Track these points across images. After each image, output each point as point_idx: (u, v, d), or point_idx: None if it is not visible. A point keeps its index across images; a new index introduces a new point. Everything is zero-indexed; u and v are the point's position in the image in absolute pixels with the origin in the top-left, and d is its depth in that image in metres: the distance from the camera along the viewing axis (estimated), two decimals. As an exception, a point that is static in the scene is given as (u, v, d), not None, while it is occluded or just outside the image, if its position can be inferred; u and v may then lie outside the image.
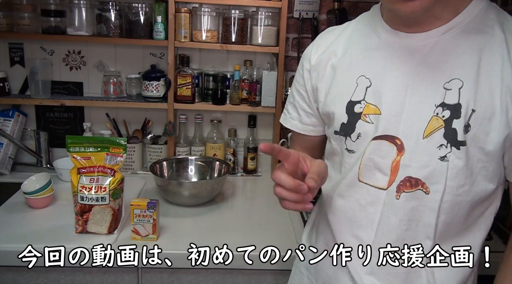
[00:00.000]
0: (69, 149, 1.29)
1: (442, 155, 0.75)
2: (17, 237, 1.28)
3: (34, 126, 1.88)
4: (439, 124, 0.75)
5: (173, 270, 1.29)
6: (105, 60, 1.85)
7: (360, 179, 0.83)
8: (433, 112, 0.75)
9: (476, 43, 0.74)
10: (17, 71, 1.82)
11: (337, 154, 0.89)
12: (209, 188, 1.58)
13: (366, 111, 0.81)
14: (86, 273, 1.27)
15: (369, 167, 0.81)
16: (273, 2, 1.71)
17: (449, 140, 0.74)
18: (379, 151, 0.80)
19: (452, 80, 0.74)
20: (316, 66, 0.90)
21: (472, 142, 0.74)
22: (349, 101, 0.84)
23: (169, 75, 1.76)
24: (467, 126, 0.73)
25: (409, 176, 0.78)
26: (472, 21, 0.75)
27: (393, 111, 0.78)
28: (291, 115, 1.00)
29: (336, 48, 0.89)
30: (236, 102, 1.81)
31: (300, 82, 0.95)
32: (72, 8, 1.68)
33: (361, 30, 0.88)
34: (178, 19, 1.69)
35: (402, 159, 0.78)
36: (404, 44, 0.79)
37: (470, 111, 0.73)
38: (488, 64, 0.73)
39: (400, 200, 0.79)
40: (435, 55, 0.76)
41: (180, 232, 1.36)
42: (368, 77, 0.82)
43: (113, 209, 1.30)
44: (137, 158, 1.85)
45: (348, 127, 0.84)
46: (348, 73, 0.85)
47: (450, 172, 0.75)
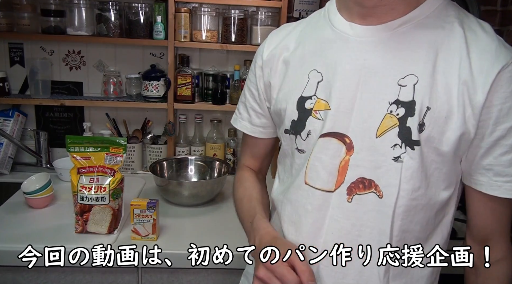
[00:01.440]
0: (69, 149, 1.29)
1: (396, 155, 0.70)
2: (17, 237, 1.28)
3: (34, 126, 1.88)
4: (393, 123, 0.70)
5: (173, 270, 1.29)
6: (105, 60, 1.85)
7: (306, 181, 0.77)
8: (386, 110, 0.70)
9: (433, 38, 0.70)
10: (17, 71, 1.82)
11: (288, 155, 0.84)
12: (209, 188, 1.58)
13: (317, 107, 0.76)
14: (86, 273, 1.27)
15: (316, 168, 0.76)
16: (273, 2, 1.71)
17: (403, 139, 0.70)
18: (327, 149, 0.75)
19: (407, 76, 0.70)
20: (268, 61, 0.86)
21: (427, 142, 0.69)
22: (300, 97, 0.79)
23: (169, 75, 1.76)
24: (422, 125, 0.69)
25: (362, 177, 0.72)
26: (431, 16, 0.71)
27: (342, 107, 0.73)
28: (241, 116, 0.96)
29: (288, 42, 0.84)
30: (236, 102, 1.80)
31: (252, 80, 0.90)
32: (72, 8, 1.68)
33: (315, 23, 0.83)
34: (178, 19, 1.69)
35: (351, 158, 0.73)
36: (358, 36, 0.74)
37: (425, 109, 0.68)
38: (445, 61, 0.69)
39: (352, 203, 0.73)
40: (390, 49, 0.71)
41: (180, 232, 1.37)
42: (320, 71, 0.77)
43: (113, 209, 1.30)
44: (137, 158, 1.85)
45: (299, 124, 0.79)
46: (300, 67, 0.80)
47: (404, 173, 0.70)
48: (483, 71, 0.67)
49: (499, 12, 1.85)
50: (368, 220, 0.74)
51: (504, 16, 1.83)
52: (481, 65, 0.68)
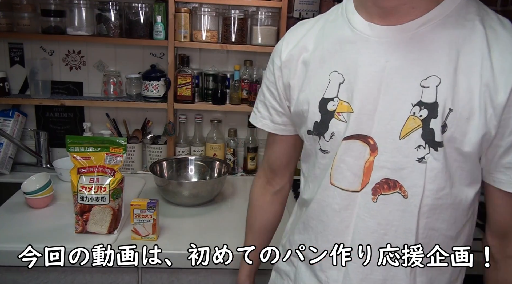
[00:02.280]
0: (69, 149, 1.29)
1: (420, 156, 0.71)
2: (17, 237, 1.28)
3: (34, 126, 1.88)
4: (417, 124, 0.71)
5: (173, 270, 1.29)
6: (105, 60, 1.85)
7: (332, 182, 0.79)
8: (409, 112, 0.71)
9: (455, 38, 0.69)
10: (17, 71, 1.82)
11: (312, 154, 0.85)
12: (209, 188, 1.58)
13: (340, 109, 0.77)
14: (86, 273, 1.27)
15: (341, 169, 0.77)
16: (273, 2, 1.71)
17: (427, 141, 0.70)
18: (351, 151, 0.76)
19: (429, 77, 0.70)
20: (287, 62, 0.85)
21: (449, 143, 0.70)
22: (322, 99, 0.79)
23: (169, 75, 1.76)
24: (444, 126, 0.69)
25: (386, 177, 0.74)
26: (451, 14, 0.70)
27: (365, 109, 0.74)
28: (261, 114, 0.95)
29: (307, 42, 0.83)
30: (236, 102, 1.81)
31: (271, 79, 0.90)
32: (72, 8, 1.68)
33: (333, 22, 0.82)
34: (178, 19, 1.69)
35: (375, 159, 0.74)
36: (379, 37, 0.73)
37: (448, 110, 0.69)
38: (466, 61, 0.69)
39: (377, 203, 0.75)
40: (412, 50, 0.71)
41: (180, 232, 1.36)
42: (341, 73, 0.77)
43: (113, 209, 1.30)
44: (137, 158, 1.85)
45: (322, 126, 0.79)
46: (320, 68, 0.80)
47: (429, 174, 0.72)
48: (505, 71, 0.67)
49: (499, 12, 1.84)
50: (393, 219, 0.75)
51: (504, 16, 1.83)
52: (502, 64, 0.67)
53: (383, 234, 0.76)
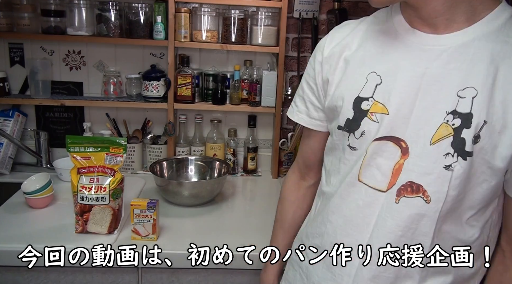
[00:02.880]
0: (69, 149, 1.29)
1: (447, 164, 0.73)
2: (17, 237, 1.28)
3: (34, 126, 1.88)
4: (448, 132, 0.72)
5: (173, 270, 1.29)
6: (105, 60, 1.85)
7: (360, 178, 0.81)
8: (443, 119, 0.73)
9: (495, 53, 0.71)
10: (17, 71, 1.82)
11: (338, 149, 0.87)
12: (209, 188, 1.58)
13: (373, 110, 0.79)
14: (86, 273, 1.27)
15: (370, 167, 0.79)
16: (273, 2, 1.71)
17: (456, 149, 0.72)
18: (382, 151, 0.78)
19: (466, 88, 0.71)
20: (329, 58, 0.88)
21: (479, 154, 0.72)
22: (357, 97, 0.81)
23: (169, 75, 1.76)
24: (477, 138, 0.71)
25: (411, 181, 0.76)
26: (495, 30, 0.73)
27: (401, 112, 0.76)
28: (298, 109, 0.97)
29: (350, 41, 0.86)
30: (236, 102, 1.81)
31: (311, 74, 0.92)
32: (72, 8, 1.68)
33: (378, 25, 0.85)
34: (178, 19, 1.69)
35: (405, 162, 0.76)
36: (421, 44, 0.76)
37: (482, 122, 0.70)
38: (505, 76, 0.70)
39: (399, 204, 0.77)
40: (452, 60, 0.73)
41: (180, 232, 1.37)
42: (380, 75, 0.79)
43: (113, 209, 1.30)
44: (137, 158, 1.85)
45: (353, 123, 0.81)
46: (359, 68, 0.82)
47: (453, 182, 0.73)
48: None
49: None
50: (412, 222, 0.77)
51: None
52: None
53: (400, 236, 0.78)
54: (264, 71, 1.79)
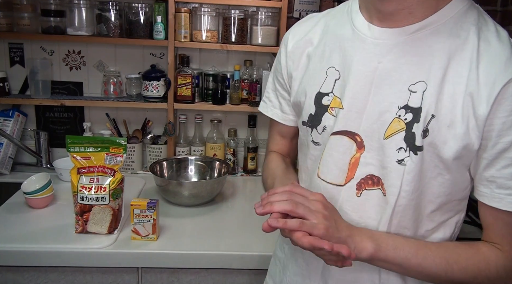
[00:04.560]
0: (69, 149, 1.29)
1: (400, 158, 0.73)
2: (17, 237, 1.28)
3: (34, 126, 1.88)
4: (401, 127, 0.72)
5: (173, 270, 1.29)
6: (105, 60, 1.85)
7: (319, 175, 0.82)
8: (395, 114, 0.73)
9: (447, 46, 0.71)
10: (17, 71, 1.82)
11: (304, 145, 0.88)
12: (209, 188, 1.58)
13: (333, 104, 0.79)
14: (86, 273, 1.27)
15: (328, 163, 0.80)
16: (273, 2, 1.71)
17: (408, 144, 0.72)
18: (338, 146, 0.78)
19: (418, 82, 0.71)
20: (292, 53, 0.88)
21: (429, 148, 0.71)
22: (318, 92, 0.82)
23: (169, 75, 1.76)
24: (426, 132, 0.71)
25: (371, 174, 0.76)
26: (448, 22, 0.71)
27: (355, 107, 0.76)
28: (272, 103, 0.97)
29: (312, 36, 0.86)
30: (236, 102, 1.81)
31: (279, 69, 0.92)
32: (72, 8, 1.68)
33: (338, 19, 0.84)
34: (178, 19, 1.69)
35: (362, 156, 0.76)
36: (375, 38, 0.75)
37: (430, 116, 0.70)
38: (455, 70, 0.70)
39: (361, 197, 0.77)
40: (404, 54, 0.73)
41: (180, 232, 1.37)
42: (338, 69, 0.80)
43: (113, 209, 1.30)
44: (137, 158, 1.85)
45: (315, 119, 0.82)
46: (320, 63, 0.83)
47: (406, 176, 0.73)
48: (489, 83, 0.68)
49: (499, 12, 1.85)
50: (373, 213, 0.78)
51: (504, 16, 1.83)
52: (487, 77, 0.68)
53: (364, 228, 0.78)
54: (264, 71, 1.79)
